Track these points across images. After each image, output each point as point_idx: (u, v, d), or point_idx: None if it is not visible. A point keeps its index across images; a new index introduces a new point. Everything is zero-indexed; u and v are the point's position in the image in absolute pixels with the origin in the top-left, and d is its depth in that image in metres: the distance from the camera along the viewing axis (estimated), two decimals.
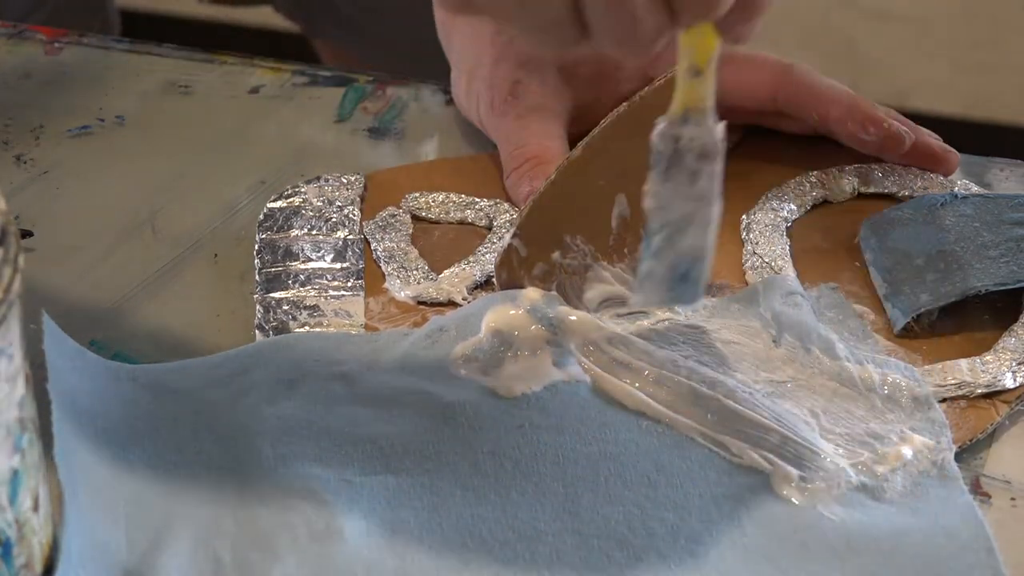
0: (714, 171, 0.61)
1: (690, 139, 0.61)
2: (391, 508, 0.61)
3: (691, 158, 0.61)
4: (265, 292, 0.73)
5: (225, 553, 0.58)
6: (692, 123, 0.60)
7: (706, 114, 0.60)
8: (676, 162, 0.61)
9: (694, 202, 0.62)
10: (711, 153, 0.61)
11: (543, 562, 0.59)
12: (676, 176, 0.61)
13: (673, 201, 0.62)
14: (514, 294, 0.70)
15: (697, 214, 0.62)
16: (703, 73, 0.60)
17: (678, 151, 0.61)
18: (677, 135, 0.61)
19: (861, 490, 0.62)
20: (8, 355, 0.53)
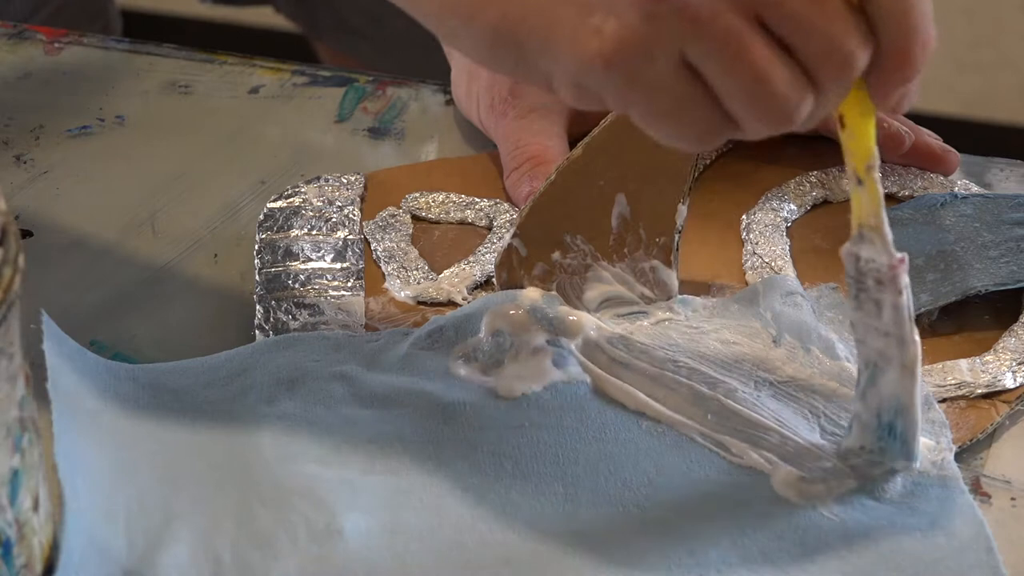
0: (896, 303, 0.57)
1: (867, 260, 0.57)
2: (391, 508, 0.61)
3: (872, 283, 0.57)
4: (265, 292, 0.73)
5: (225, 553, 0.58)
6: (867, 242, 0.57)
7: (876, 231, 0.57)
8: (861, 288, 0.57)
9: (884, 337, 0.58)
10: (887, 280, 0.57)
11: (543, 562, 0.59)
12: (864, 304, 0.58)
13: (867, 334, 0.58)
14: (514, 294, 0.70)
15: (891, 352, 0.58)
16: (864, 183, 0.56)
17: (860, 273, 0.57)
18: (856, 254, 0.57)
19: (861, 490, 0.62)
20: (8, 355, 0.53)
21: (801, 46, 0.53)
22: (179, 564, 0.58)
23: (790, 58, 0.53)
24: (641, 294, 0.71)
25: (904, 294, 0.57)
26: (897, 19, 0.53)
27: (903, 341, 0.57)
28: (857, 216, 0.57)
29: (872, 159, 0.56)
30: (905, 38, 0.53)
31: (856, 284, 0.58)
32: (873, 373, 0.59)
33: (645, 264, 0.71)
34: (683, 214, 0.71)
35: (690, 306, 0.71)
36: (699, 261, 0.75)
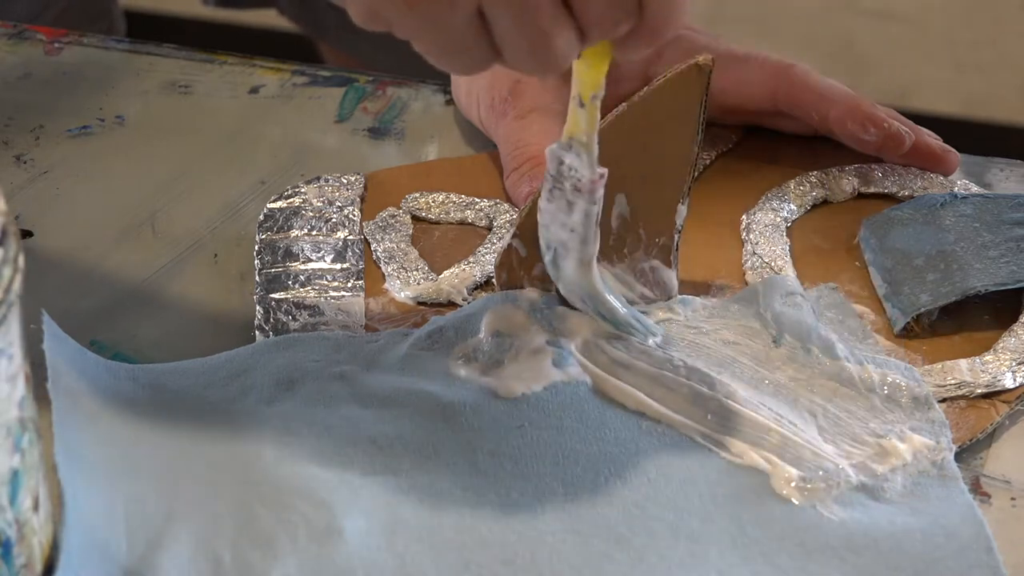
0: (587, 210, 0.63)
1: (569, 167, 0.63)
2: (391, 508, 0.61)
3: (569, 187, 0.63)
4: (265, 292, 0.73)
5: (225, 553, 0.58)
6: (574, 152, 0.63)
7: (588, 148, 0.62)
8: (557, 185, 0.63)
9: (568, 232, 0.64)
10: (585, 189, 0.63)
11: (543, 562, 0.59)
12: (557, 199, 0.64)
13: (552, 224, 0.64)
14: (514, 295, 0.70)
15: (572, 246, 0.64)
16: (586, 106, 0.61)
17: (560, 174, 0.63)
18: (560, 158, 0.63)
19: (861, 490, 0.62)
20: (8, 355, 0.53)
21: (582, 12, 0.57)
22: (179, 564, 0.58)
23: (571, 18, 0.57)
24: (641, 294, 0.71)
25: (597, 204, 0.64)
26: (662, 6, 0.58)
27: (586, 240, 0.64)
28: (570, 130, 0.62)
29: (599, 90, 0.61)
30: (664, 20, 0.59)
31: (553, 181, 0.64)
32: (555, 256, 0.66)
33: (645, 264, 0.71)
34: (683, 214, 0.71)
35: (690, 306, 0.71)
36: (699, 261, 0.75)
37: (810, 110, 0.82)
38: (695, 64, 0.70)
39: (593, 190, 0.63)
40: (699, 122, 0.70)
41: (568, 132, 0.62)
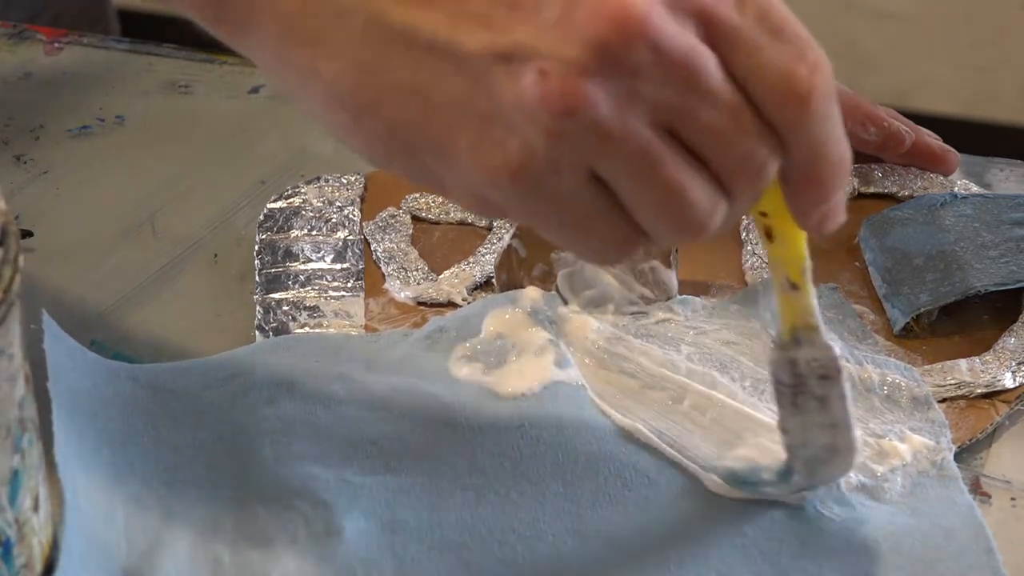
0: (842, 393, 0.56)
1: (808, 362, 0.56)
2: (391, 508, 0.61)
3: (814, 383, 0.56)
4: (265, 293, 0.73)
5: (224, 553, 0.58)
6: (805, 344, 0.56)
7: (817, 330, 0.55)
8: (801, 391, 0.56)
9: (831, 429, 0.57)
10: (833, 371, 0.55)
11: (543, 562, 0.59)
12: (805, 406, 0.56)
13: (809, 434, 0.57)
14: (514, 295, 0.70)
15: (839, 441, 0.57)
16: (800, 287, 0.55)
17: (799, 377, 0.56)
18: (793, 359, 0.56)
19: (860, 490, 0.62)
20: (8, 355, 0.53)
21: (715, 158, 0.51)
22: (179, 564, 0.58)
23: (703, 169, 0.51)
24: (641, 295, 0.71)
25: (848, 380, 0.57)
26: (804, 145, 0.52)
27: (849, 427, 0.57)
28: (790, 320, 0.55)
29: (805, 263, 0.55)
30: (813, 164, 0.52)
31: (793, 389, 0.56)
32: (814, 466, 0.58)
33: (645, 265, 0.71)
34: None
35: (690, 306, 0.71)
36: (699, 261, 0.75)
37: None
38: None
39: (840, 368, 0.55)
40: None
41: (789, 326, 0.55)
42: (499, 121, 0.50)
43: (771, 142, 0.51)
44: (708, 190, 0.51)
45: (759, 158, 0.51)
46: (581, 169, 0.50)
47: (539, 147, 0.50)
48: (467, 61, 0.50)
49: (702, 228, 0.52)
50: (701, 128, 0.50)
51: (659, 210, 0.51)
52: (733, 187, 0.52)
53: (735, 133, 0.51)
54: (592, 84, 0.49)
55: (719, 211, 0.52)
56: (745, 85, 0.50)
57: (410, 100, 0.51)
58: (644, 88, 0.49)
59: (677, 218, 0.51)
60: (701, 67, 0.49)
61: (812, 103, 0.51)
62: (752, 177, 0.51)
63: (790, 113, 0.51)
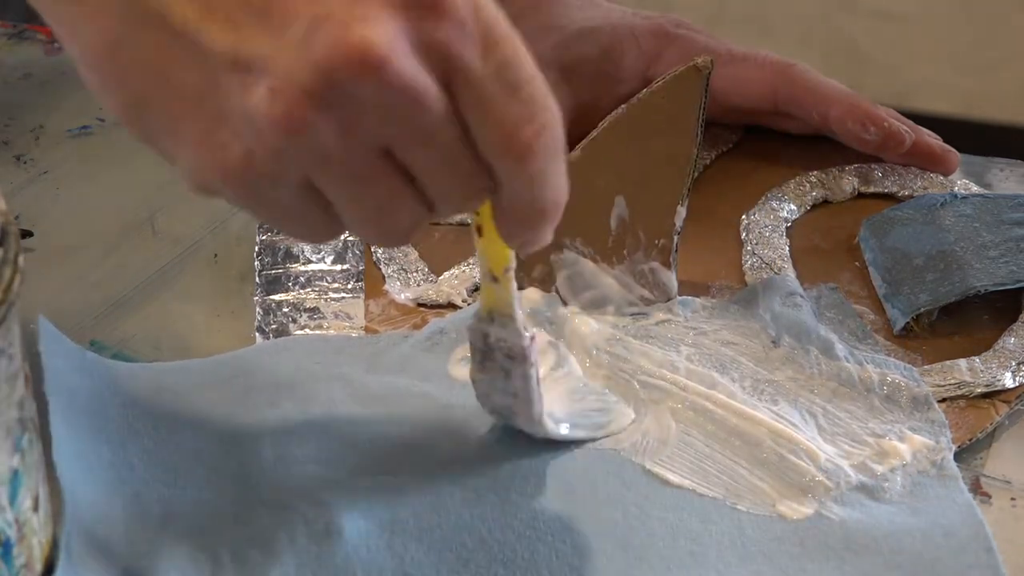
0: (526, 373, 0.60)
1: (497, 339, 0.60)
2: (390, 508, 0.61)
3: (501, 356, 0.60)
4: (265, 294, 0.73)
5: (224, 553, 0.58)
6: (498, 324, 0.60)
7: (511, 318, 0.60)
8: (488, 356, 0.61)
9: (511, 397, 0.61)
10: (518, 356, 0.60)
11: (543, 562, 0.59)
12: (491, 369, 0.61)
13: (492, 392, 0.62)
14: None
15: (518, 409, 0.62)
16: (500, 281, 0.59)
17: (488, 347, 0.60)
18: (485, 332, 0.60)
19: (860, 490, 0.62)
20: (8, 355, 0.53)
21: (425, 185, 0.53)
22: (179, 564, 0.58)
23: (414, 188, 0.53)
24: (641, 296, 0.71)
25: (535, 365, 0.60)
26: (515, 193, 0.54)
27: (530, 401, 0.61)
28: (488, 304, 0.60)
29: (509, 263, 0.58)
30: (523, 209, 0.54)
31: (482, 353, 0.61)
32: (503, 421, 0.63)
33: (644, 266, 0.71)
34: (682, 215, 0.71)
35: (690, 307, 0.71)
36: (699, 262, 0.75)
37: (810, 110, 0.82)
38: (694, 65, 0.70)
39: (527, 355, 0.60)
40: (698, 123, 0.70)
41: (487, 307, 0.60)
42: (226, 124, 0.52)
43: (482, 182, 0.53)
44: (413, 207, 0.54)
45: (466, 194, 0.54)
46: (297, 180, 0.52)
47: (259, 157, 0.51)
48: (207, 58, 0.52)
49: (401, 239, 0.55)
50: (415, 159, 0.52)
51: (364, 223, 0.54)
52: (439, 207, 0.54)
53: (447, 171, 0.53)
54: (316, 110, 0.50)
55: (422, 223, 0.54)
56: (470, 129, 0.52)
57: (150, 80, 0.53)
58: (367, 118, 0.51)
59: (379, 230, 0.54)
60: (425, 108, 0.51)
61: (529, 163, 0.52)
62: (457, 205, 0.54)
63: (506, 167, 0.53)
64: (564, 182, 0.54)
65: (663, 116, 0.70)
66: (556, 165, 0.53)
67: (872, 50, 2.24)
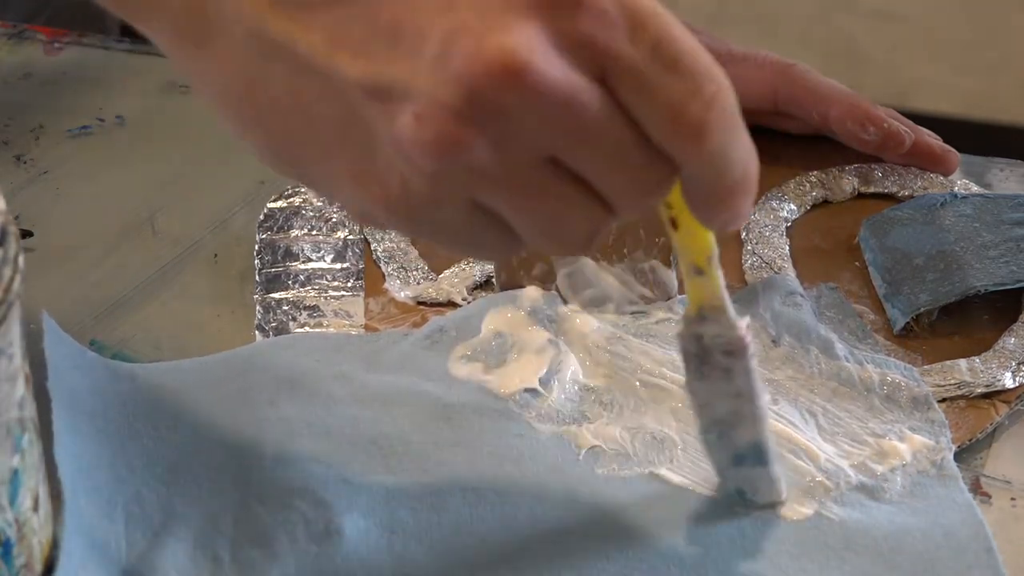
0: (747, 367, 0.58)
1: (713, 336, 0.57)
2: (390, 508, 0.61)
3: (719, 355, 0.57)
4: (265, 292, 0.73)
5: (224, 552, 0.58)
6: (711, 320, 0.57)
7: (723, 310, 0.57)
8: (706, 360, 0.58)
9: (734, 399, 0.58)
10: (738, 350, 0.57)
11: (543, 562, 0.59)
12: (710, 374, 0.58)
13: (713, 399, 0.59)
14: (514, 295, 0.70)
15: (743, 410, 0.59)
16: (705, 272, 0.56)
17: (704, 348, 0.58)
18: (699, 334, 0.57)
19: (860, 490, 0.62)
20: (8, 355, 0.53)
21: (599, 185, 0.51)
22: (178, 563, 0.58)
23: (588, 191, 0.50)
24: (641, 294, 0.71)
25: (755, 356, 0.58)
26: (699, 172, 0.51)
27: (755, 395, 0.58)
28: (697, 300, 0.57)
29: (711, 252, 0.55)
30: (712, 185, 0.51)
31: (698, 359, 0.58)
32: (722, 431, 0.60)
33: (645, 264, 0.71)
34: None
35: None
36: None
37: (810, 110, 0.82)
38: None
39: (746, 345, 0.57)
40: None
41: (696, 304, 0.57)
42: (376, 156, 0.50)
43: (662, 169, 0.50)
44: (591, 212, 0.51)
45: (645, 189, 0.51)
46: (461, 201, 0.50)
47: (417, 186, 0.50)
48: (343, 89, 0.50)
49: (584, 245, 0.52)
50: (583, 161, 0.50)
51: (541, 235, 0.51)
52: (618, 207, 0.51)
53: (619, 168, 0.50)
54: (467, 128, 0.48)
55: (604, 226, 0.52)
56: (636, 119, 0.49)
57: (291, 117, 0.51)
58: (522, 129, 0.48)
59: (559, 239, 0.51)
60: (582, 108, 0.48)
61: (705, 139, 0.49)
62: (638, 201, 0.51)
63: (682, 147, 0.50)
64: (750, 149, 0.51)
65: None
66: (735, 135, 0.50)
67: (872, 50, 2.24)
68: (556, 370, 0.67)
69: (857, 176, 0.81)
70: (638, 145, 0.50)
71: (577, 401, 0.66)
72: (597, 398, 0.66)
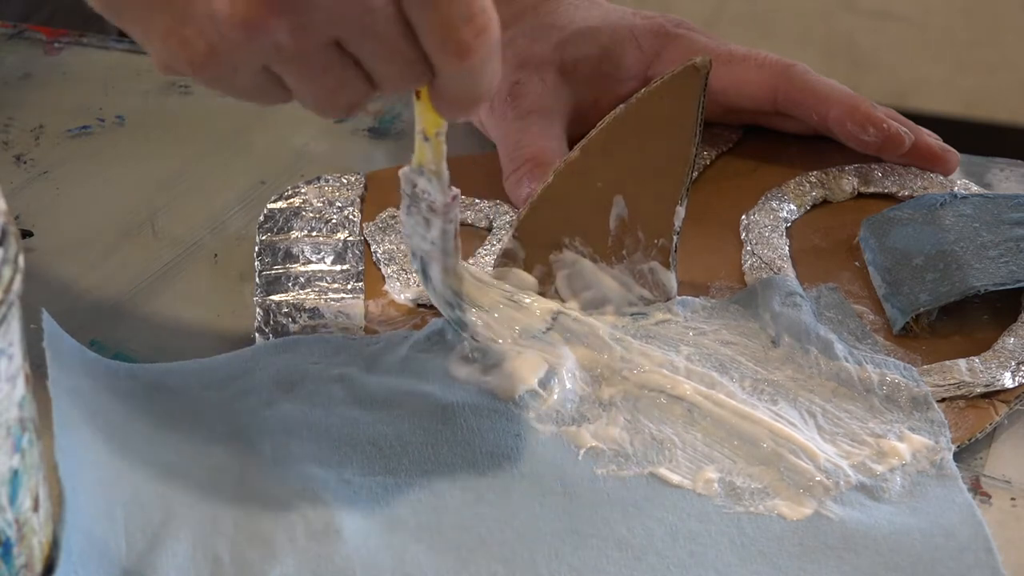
0: (445, 228, 0.65)
1: (423, 191, 0.64)
2: (390, 508, 0.61)
3: (424, 207, 0.65)
4: (265, 294, 0.73)
5: (224, 553, 0.58)
6: (425, 177, 0.64)
7: (438, 176, 0.64)
8: (414, 203, 0.65)
9: (430, 245, 0.66)
10: (439, 210, 0.64)
11: (542, 562, 0.59)
12: (415, 215, 0.65)
13: (413, 235, 0.66)
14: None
15: (434, 256, 0.66)
16: (431, 141, 0.63)
17: (415, 195, 0.65)
18: (413, 181, 0.65)
19: (860, 490, 0.62)
20: (8, 355, 0.53)
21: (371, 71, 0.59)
22: (178, 563, 0.58)
23: (360, 72, 0.59)
24: (640, 295, 0.71)
25: (453, 223, 0.65)
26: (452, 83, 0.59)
27: (447, 252, 0.66)
28: (419, 160, 0.64)
29: (442, 127, 0.63)
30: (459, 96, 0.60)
31: (408, 199, 0.65)
32: (422, 264, 0.67)
33: (644, 266, 0.71)
34: (681, 215, 0.71)
35: (689, 307, 0.71)
36: (698, 262, 0.75)
37: (810, 110, 0.82)
38: (692, 65, 0.70)
39: (447, 211, 0.65)
40: (697, 123, 0.70)
41: (417, 161, 0.64)
42: (191, 22, 0.58)
43: (424, 70, 0.59)
44: (360, 87, 0.60)
45: (407, 80, 0.60)
46: (256, 67, 0.59)
47: (222, 51, 0.58)
48: None
49: (347, 114, 0.61)
50: (362, 50, 0.59)
51: (315, 101, 0.61)
52: (382, 88, 0.60)
53: (390, 59, 0.59)
54: (272, 13, 0.57)
55: (366, 99, 0.61)
56: (413, 25, 0.57)
57: None
58: (317, 18, 0.57)
59: (328, 106, 0.61)
60: (371, 8, 0.57)
61: (467, 59, 0.58)
62: (399, 86, 0.60)
63: (446, 60, 0.58)
64: (498, 72, 0.59)
65: (662, 116, 0.70)
66: (492, 62, 0.58)
67: (872, 50, 2.24)
68: (556, 371, 0.67)
69: (857, 176, 0.81)
70: (410, 47, 0.58)
71: (577, 401, 0.66)
72: (596, 398, 0.66)
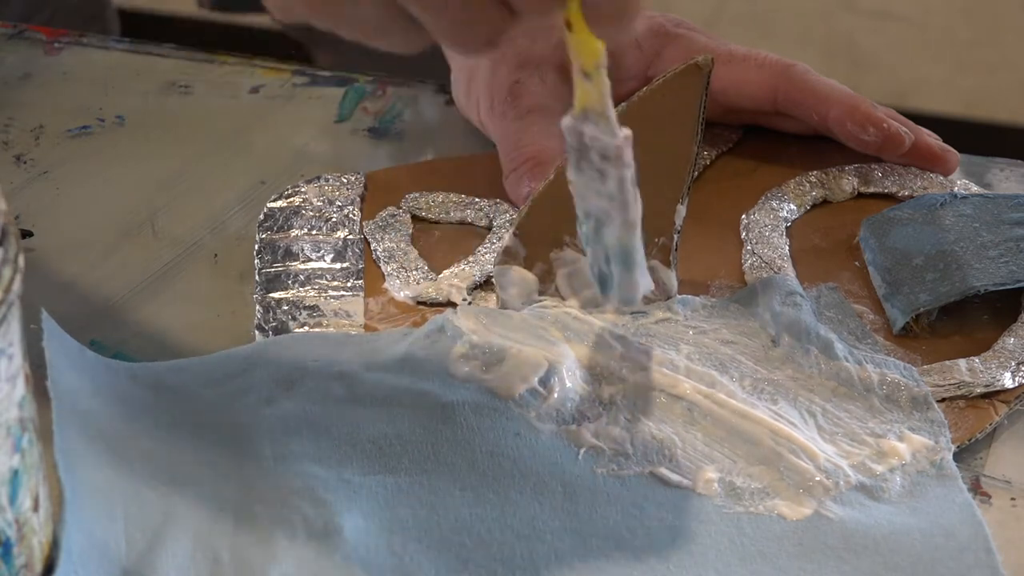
0: (621, 175, 0.61)
1: (591, 138, 0.60)
2: (390, 507, 0.61)
3: (596, 157, 0.61)
4: (265, 292, 0.73)
5: (224, 552, 0.58)
6: (591, 123, 0.60)
7: (604, 117, 0.60)
8: (583, 156, 0.61)
9: (607, 200, 0.61)
10: (612, 157, 0.60)
11: (542, 562, 0.59)
12: (587, 170, 0.61)
13: (587, 194, 0.62)
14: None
15: (613, 213, 0.62)
16: (592, 77, 0.59)
17: (583, 145, 0.61)
18: (580, 131, 0.61)
19: (860, 490, 0.62)
20: (8, 355, 0.53)
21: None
22: (178, 563, 0.58)
23: None
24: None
25: (630, 168, 0.61)
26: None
27: (626, 204, 0.61)
28: (582, 102, 0.60)
29: (601, 58, 0.59)
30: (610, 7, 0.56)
31: (577, 154, 0.61)
32: (596, 224, 0.63)
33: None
34: (682, 214, 0.71)
35: (689, 306, 0.71)
36: (698, 261, 0.75)
37: (810, 110, 0.82)
38: (694, 64, 0.70)
39: (621, 155, 0.60)
40: (698, 122, 0.71)
41: (580, 105, 0.60)
42: None
43: None
44: (495, 15, 0.56)
45: None
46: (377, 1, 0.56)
47: None
48: None
49: (485, 48, 0.57)
50: None
51: (446, 34, 0.57)
52: (524, 13, 0.56)
53: None
54: None
55: (505, 30, 0.57)
56: None
57: None
58: None
59: (463, 39, 0.57)
60: None
61: None
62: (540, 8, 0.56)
63: None
64: None
65: (663, 114, 0.70)
66: None
67: (872, 50, 2.24)
68: (556, 370, 0.67)
69: (857, 176, 0.81)
70: None
71: (577, 401, 0.66)
72: (597, 398, 0.66)
